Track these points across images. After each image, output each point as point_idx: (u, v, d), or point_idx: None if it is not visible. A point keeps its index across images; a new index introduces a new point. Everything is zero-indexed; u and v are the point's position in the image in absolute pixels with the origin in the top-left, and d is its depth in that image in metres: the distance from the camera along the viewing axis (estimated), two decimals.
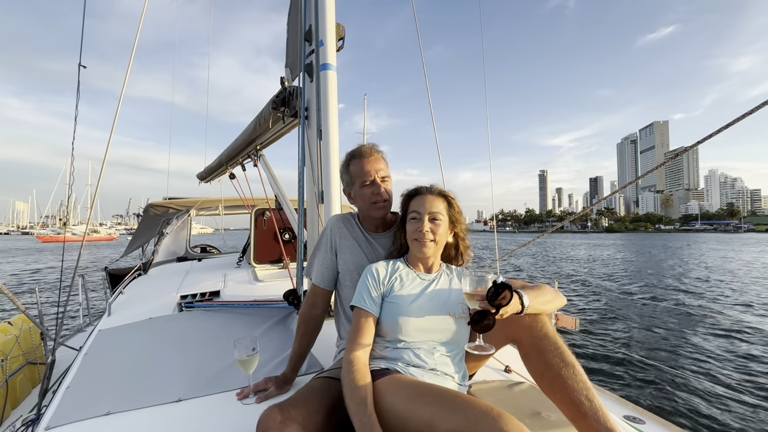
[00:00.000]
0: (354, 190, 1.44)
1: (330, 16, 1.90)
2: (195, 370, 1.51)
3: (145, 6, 2.30)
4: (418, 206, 1.24)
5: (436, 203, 1.24)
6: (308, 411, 1.00)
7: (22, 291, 11.41)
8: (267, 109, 2.41)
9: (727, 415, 3.73)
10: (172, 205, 4.73)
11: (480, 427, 0.80)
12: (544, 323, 1.10)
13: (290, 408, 0.98)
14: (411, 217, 1.25)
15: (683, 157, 26.36)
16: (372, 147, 1.43)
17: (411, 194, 1.31)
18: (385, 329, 1.18)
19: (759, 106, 1.32)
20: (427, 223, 1.21)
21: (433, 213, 1.22)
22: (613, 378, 4.64)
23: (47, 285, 12.25)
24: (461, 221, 1.30)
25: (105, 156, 2.31)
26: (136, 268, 4.19)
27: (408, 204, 1.29)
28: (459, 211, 1.29)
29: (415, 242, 1.23)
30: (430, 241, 1.21)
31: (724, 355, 5.48)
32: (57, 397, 1.39)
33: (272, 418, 0.93)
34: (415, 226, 1.23)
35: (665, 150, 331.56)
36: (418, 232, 1.21)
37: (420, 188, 1.30)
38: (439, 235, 1.22)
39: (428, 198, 1.25)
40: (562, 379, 1.01)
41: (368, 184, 1.39)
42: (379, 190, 1.39)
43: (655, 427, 1.26)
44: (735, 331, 6.74)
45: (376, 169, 1.39)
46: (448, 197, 1.28)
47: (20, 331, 2.95)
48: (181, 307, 2.35)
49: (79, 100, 2.40)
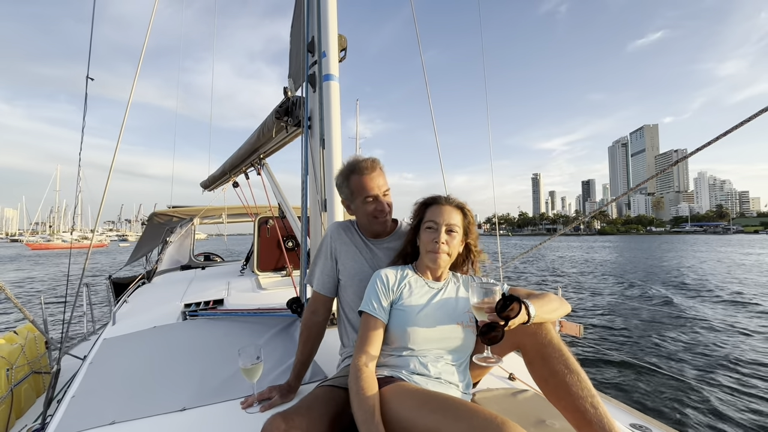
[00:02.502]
0: (355, 205, 1.42)
1: (332, 27, 1.90)
2: (199, 379, 1.49)
3: (153, 14, 2.30)
4: (435, 216, 1.20)
5: (453, 215, 1.21)
6: (312, 419, 0.98)
7: (22, 300, 11.29)
8: (270, 118, 2.40)
9: (736, 424, 3.63)
10: (176, 213, 4.71)
11: None
12: (549, 330, 1.08)
13: (294, 416, 0.96)
14: (427, 226, 1.22)
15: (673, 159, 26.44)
16: (373, 162, 1.39)
17: (428, 202, 1.27)
18: (392, 337, 1.16)
19: (759, 112, 1.31)
20: (443, 234, 1.18)
21: (450, 225, 1.19)
22: (619, 385, 4.51)
23: (51, 294, 12.14)
24: (473, 231, 1.28)
25: (111, 165, 2.29)
26: (140, 277, 4.16)
27: (424, 212, 1.26)
28: (473, 222, 1.27)
29: (430, 254, 1.20)
30: (445, 254, 1.19)
31: (732, 362, 5.31)
32: (62, 406, 1.37)
33: (276, 426, 0.92)
34: (431, 236, 1.19)
35: (655, 153, 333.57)
36: (433, 243, 1.18)
37: (438, 197, 1.26)
38: (453, 247, 1.21)
39: (446, 209, 1.21)
40: (566, 386, 0.99)
41: (371, 200, 1.37)
42: (383, 207, 1.37)
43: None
44: (744, 335, 6.58)
45: (378, 185, 1.37)
46: (465, 209, 1.25)
47: (25, 340, 2.92)
48: (185, 315, 2.32)
49: (86, 111, 2.38)
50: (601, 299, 10.53)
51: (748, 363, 5.28)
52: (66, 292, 2.47)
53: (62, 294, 8.77)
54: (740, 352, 5.74)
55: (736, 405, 4.01)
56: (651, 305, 9.54)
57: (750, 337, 6.54)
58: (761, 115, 1.30)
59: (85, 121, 2.25)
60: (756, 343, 6.21)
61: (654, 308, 9.04)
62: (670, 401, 4.09)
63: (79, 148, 2.29)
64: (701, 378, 4.81)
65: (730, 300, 9.96)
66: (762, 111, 1.29)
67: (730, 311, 8.73)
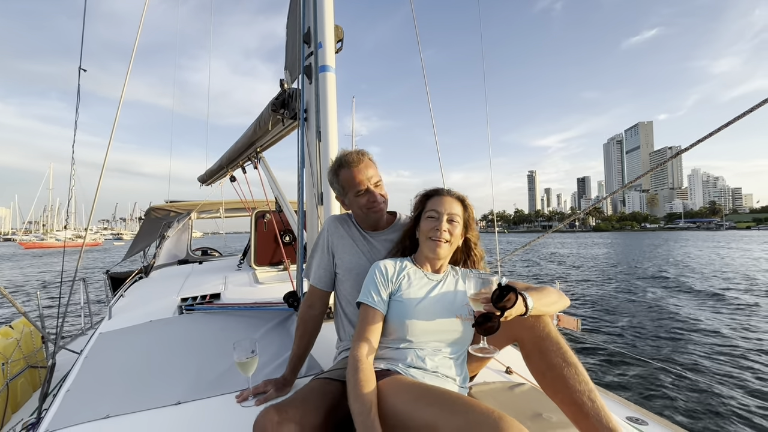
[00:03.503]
0: (348, 199, 1.39)
1: (329, 17, 1.87)
2: (195, 373, 1.47)
3: (144, 12, 2.25)
4: (437, 205, 1.21)
5: (455, 205, 1.21)
6: (306, 411, 0.96)
7: (19, 294, 11.22)
8: (267, 111, 2.37)
9: (732, 417, 3.64)
10: (173, 208, 4.67)
11: (481, 429, 0.77)
12: (546, 323, 1.07)
13: (288, 408, 0.94)
14: (428, 215, 1.21)
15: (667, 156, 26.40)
16: (359, 153, 1.37)
17: (429, 194, 1.27)
18: (390, 329, 1.14)
19: (752, 109, 1.30)
20: (445, 223, 1.18)
21: (451, 214, 1.19)
22: (616, 378, 4.53)
23: (48, 290, 12.07)
24: (473, 228, 1.27)
25: (104, 163, 2.26)
26: (137, 272, 4.13)
27: (424, 204, 1.26)
28: (473, 217, 1.27)
29: (430, 241, 1.19)
30: (445, 242, 1.18)
31: (728, 355, 5.35)
32: (57, 400, 1.36)
33: (269, 418, 0.90)
34: (432, 224, 1.19)
35: (650, 150, 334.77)
36: (434, 231, 1.18)
37: (440, 189, 1.27)
38: (455, 237, 1.20)
39: (447, 199, 1.22)
40: (564, 380, 0.98)
41: (362, 193, 1.35)
42: (375, 198, 1.35)
43: (658, 428, 1.23)
44: (740, 330, 6.62)
45: (367, 176, 1.35)
46: (465, 202, 1.25)
47: (21, 334, 2.89)
48: (182, 309, 2.30)
49: (79, 103, 2.34)
50: (598, 294, 10.59)
51: (743, 356, 5.32)
52: (60, 287, 2.44)
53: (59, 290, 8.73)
54: (735, 345, 5.80)
55: (731, 396, 4.04)
56: (647, 300, 9.60)
57: (746, 331, 6.59)
58: (753, 111, 1.30)
59: (78, 113, 2.20)
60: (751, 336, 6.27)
61: (650, 302, 9.10)
62: (667, 394, 4.12)
63: (72, 141, 2.24)
64: (697, 370, 4.85)
65: (721, 294, 10.05)
66: (754, 108, 1.29)
67: (722, 304, 8.80)
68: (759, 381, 4.50)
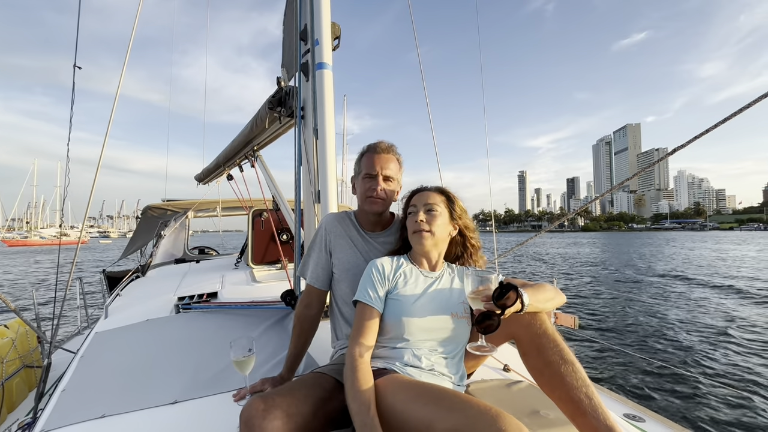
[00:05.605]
0: (357, 182, 1.40)
1: (325, 14, 1.83)
2: (191, 372, 1.44)
3: (140, 7, 2.20)
4: (416, 201, 1.23)
5: (432, 196, 1.21)
6: (294, 399, 0.93)
7: (12, 293, 11.00)
8: (263, 109, 2.33)
9: (729, 414, 3.64)
10: (170, 207, 4.60)
11: (478, 426, 0.76)
12: (543, 321, 1.05)
13: (274, 396, 0.91)
14: (409, 212, 1.24)
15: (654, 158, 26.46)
16: (390, 146, 1.39)
17: (412, 193, 1.29)
18: (387, 327, 1.12)
19: (736, 112, 1.30)
20: (422, 214, 1.18)
21: (428, 204, 1.19)
22: (613, 376, 4.53)
23: (44, 287, 11.87)
24: (465, 219, 1.25)
25: (99, 160, 2.21)
26: (134, 270, 4.06)
27: (408, 202, 1.27)
28: (461, 207, 1.25)
29: (414, 235, 1.19)
30: (426, 232, 1.17)
31: (725, 352, 5.36)
32: (53, 400, 1.33)
33: (255, 407, 0.87)
34: (413, 219, 1.20)
35: (638, 151, 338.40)
36: (414, 224, 1.18)
37: (420, 187, 1.29)
38: (437, 226, 1.18)
39: (425, 193, 1.24)
40: (561, 377, 0.96)
41: (369, 177, 1.34)
42: (376, 186, 1.33)
43: (655, 425, 1.23)
44: (736, 327, 6.64)
45: (383, 166, 1.34)
46: (446, 192, 1.25)
47: (16, 334, 2.83)
48: (179, 308, 2.25)
49: (74, 101, 2.28)
50: (595, 292, 10.63)
51: (740, 352, 5.36)
52: (56, 287, 2.39)
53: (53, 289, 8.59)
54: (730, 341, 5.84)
55: (726, 393, 4.06)
56: (643, 298, 9.67)
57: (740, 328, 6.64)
58: (738, 115, 1.31)
59: (73, 110, 2.15)
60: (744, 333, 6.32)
61: (646, 300, 9.16)
62: (665, 392, 4.12)
63: (68, 139, 2.19)
64: (694, 367, 4.88)
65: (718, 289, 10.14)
66: (738, 111, 1.31)
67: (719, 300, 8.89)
68: (754, 375, 4.54)
